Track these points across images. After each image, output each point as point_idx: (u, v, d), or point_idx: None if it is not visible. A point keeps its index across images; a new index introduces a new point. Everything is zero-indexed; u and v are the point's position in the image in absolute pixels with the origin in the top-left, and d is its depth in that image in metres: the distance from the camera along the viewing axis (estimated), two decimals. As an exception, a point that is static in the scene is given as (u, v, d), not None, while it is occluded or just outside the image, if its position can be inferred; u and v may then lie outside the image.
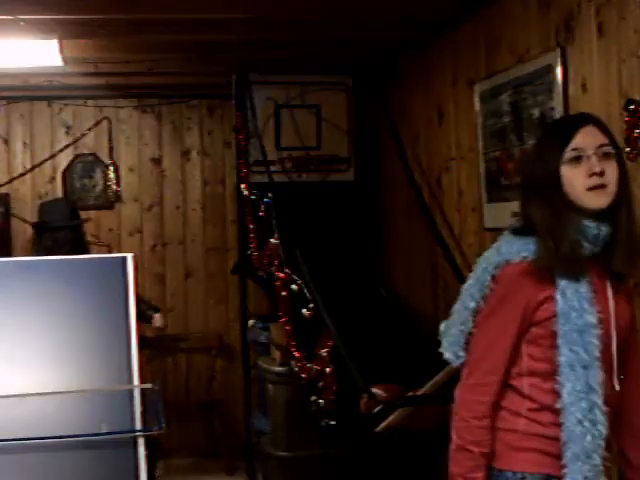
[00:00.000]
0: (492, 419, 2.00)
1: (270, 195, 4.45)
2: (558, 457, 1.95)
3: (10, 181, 6.08)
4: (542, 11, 3.46)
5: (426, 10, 4.16)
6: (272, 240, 4.30)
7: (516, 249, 1.98)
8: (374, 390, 3.71)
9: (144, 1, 3.87)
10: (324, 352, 3.91)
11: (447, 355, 2.10)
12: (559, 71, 3.30)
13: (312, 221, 5.19)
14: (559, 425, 1.95)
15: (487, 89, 4.00)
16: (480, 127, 4.08)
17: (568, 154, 1.99)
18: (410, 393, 3.77)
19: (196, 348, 6.25)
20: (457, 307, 2.09)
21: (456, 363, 2.09)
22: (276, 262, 4.20)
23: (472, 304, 2.03)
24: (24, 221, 6.01)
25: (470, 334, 2.05)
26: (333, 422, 3.82)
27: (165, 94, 6.17)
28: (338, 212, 5.48)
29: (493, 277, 2.00)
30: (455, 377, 2.13)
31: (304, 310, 3.85)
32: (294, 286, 3.97)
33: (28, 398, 2.34)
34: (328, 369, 3.94)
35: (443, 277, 4.66)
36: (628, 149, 2.82)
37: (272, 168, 5.34)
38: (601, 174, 1.97)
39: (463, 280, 2.14)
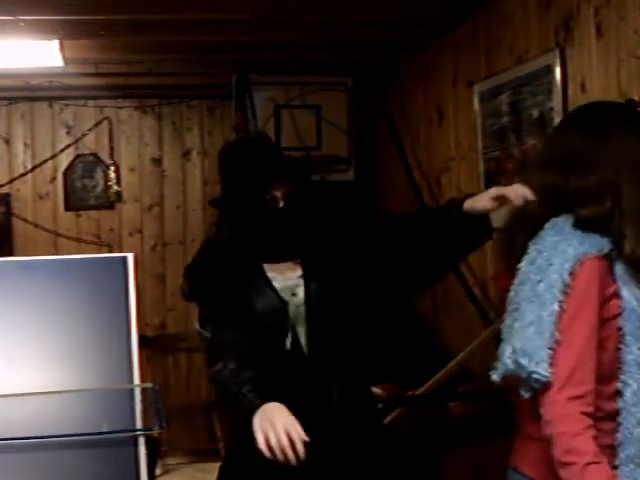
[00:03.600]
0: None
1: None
2: (611, 464, 1.81)
3: (11, 181, 6.09)
4: (541, 11, 3.47)
5: (426, 10, 4.16)
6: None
7: (591, 242, 1.83)
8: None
9: (144, 1, 3.87)
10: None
11: (541, 374, 1.78)
12: (558, 71, 3.31)
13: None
14: (615, 432, 1.83)
15: (487, 89, 4.00)
16: (480, 127, 4.09)
17: None
18: (410, 393, 3.78)
19: (197, 348, 6.24)
20: (531, 315, 1.82)
21: (548, 379, 1.79)
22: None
23: (556, 307, 1.80)
24: (25, 221, 6.03)
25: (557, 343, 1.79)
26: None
27: (165, 94, 6.17)
28: (338, 212, 5.48)
29: (571, 274, 1.80)
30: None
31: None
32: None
33: (28, 398, 2.34)
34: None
35: (443, 277, 4.66)
36: (627, 149, 2.83)
37: (272, 168, 5.34)
38: None
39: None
